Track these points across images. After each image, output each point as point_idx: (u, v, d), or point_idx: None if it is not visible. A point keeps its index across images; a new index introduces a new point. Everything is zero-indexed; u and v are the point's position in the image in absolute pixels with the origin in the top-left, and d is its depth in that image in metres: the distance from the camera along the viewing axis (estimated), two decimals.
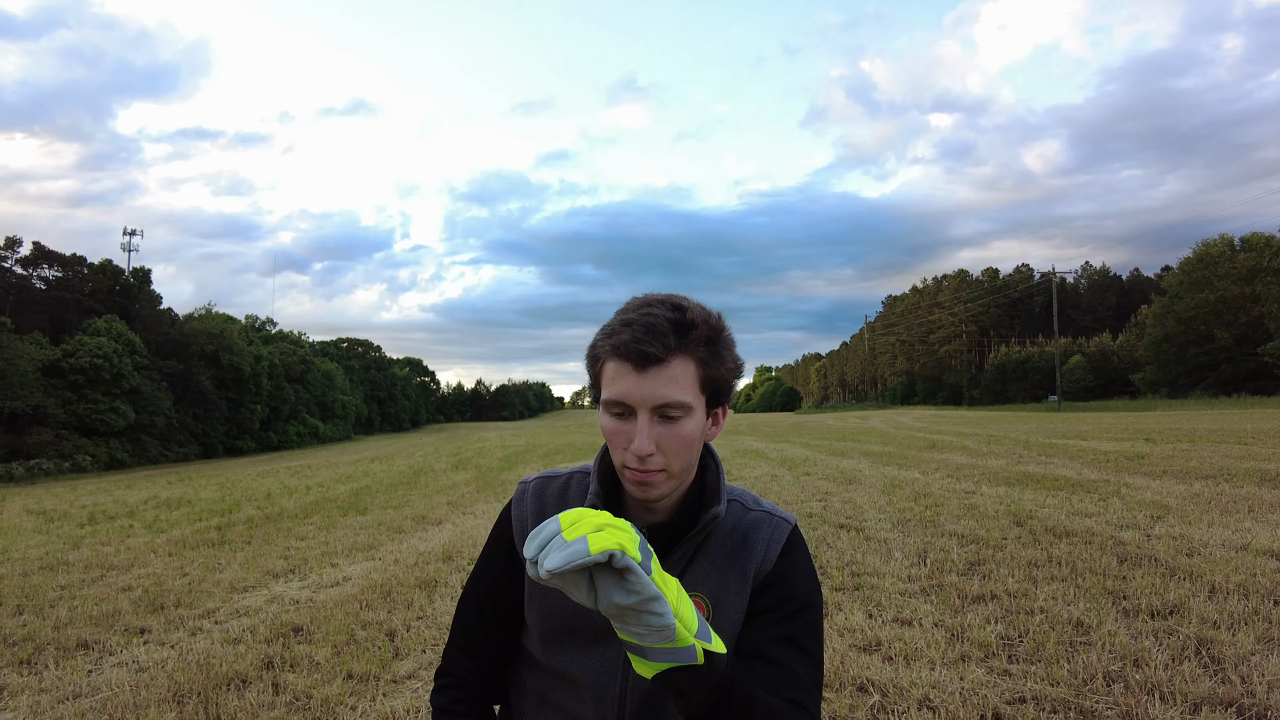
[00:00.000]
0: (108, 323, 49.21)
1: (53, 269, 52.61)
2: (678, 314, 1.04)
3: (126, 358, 47.81)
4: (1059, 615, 3.53)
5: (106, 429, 45.70)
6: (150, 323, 54.68)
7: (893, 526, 6.43)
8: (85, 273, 53.77)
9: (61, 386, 44.56)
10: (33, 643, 3.99)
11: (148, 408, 48.79)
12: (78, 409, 44.71)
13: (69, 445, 43.17)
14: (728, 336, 1.10)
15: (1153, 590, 3.87)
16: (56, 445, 42.41)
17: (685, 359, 1.04)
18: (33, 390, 41.27)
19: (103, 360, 45.76)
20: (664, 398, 1.02)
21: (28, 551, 7.70)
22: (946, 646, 3.20)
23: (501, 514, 1.26)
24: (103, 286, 54.03)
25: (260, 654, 3.51)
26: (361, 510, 10.06)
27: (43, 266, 52.27)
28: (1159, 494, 7.47)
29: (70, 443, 43.43)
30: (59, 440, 42.87)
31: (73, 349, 45.85)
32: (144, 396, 48.49)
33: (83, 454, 43.23)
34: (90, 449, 44.27)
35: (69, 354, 45.62)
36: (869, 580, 4.44)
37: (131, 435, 47.99)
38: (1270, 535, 5.19)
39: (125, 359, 47.59)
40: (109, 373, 45.94)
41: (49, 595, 5.28)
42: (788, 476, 11.54)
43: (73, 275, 52.91)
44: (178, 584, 5.48)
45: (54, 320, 49.93)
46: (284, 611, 4.39)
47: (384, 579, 5.14)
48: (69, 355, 45.56)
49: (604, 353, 1.06)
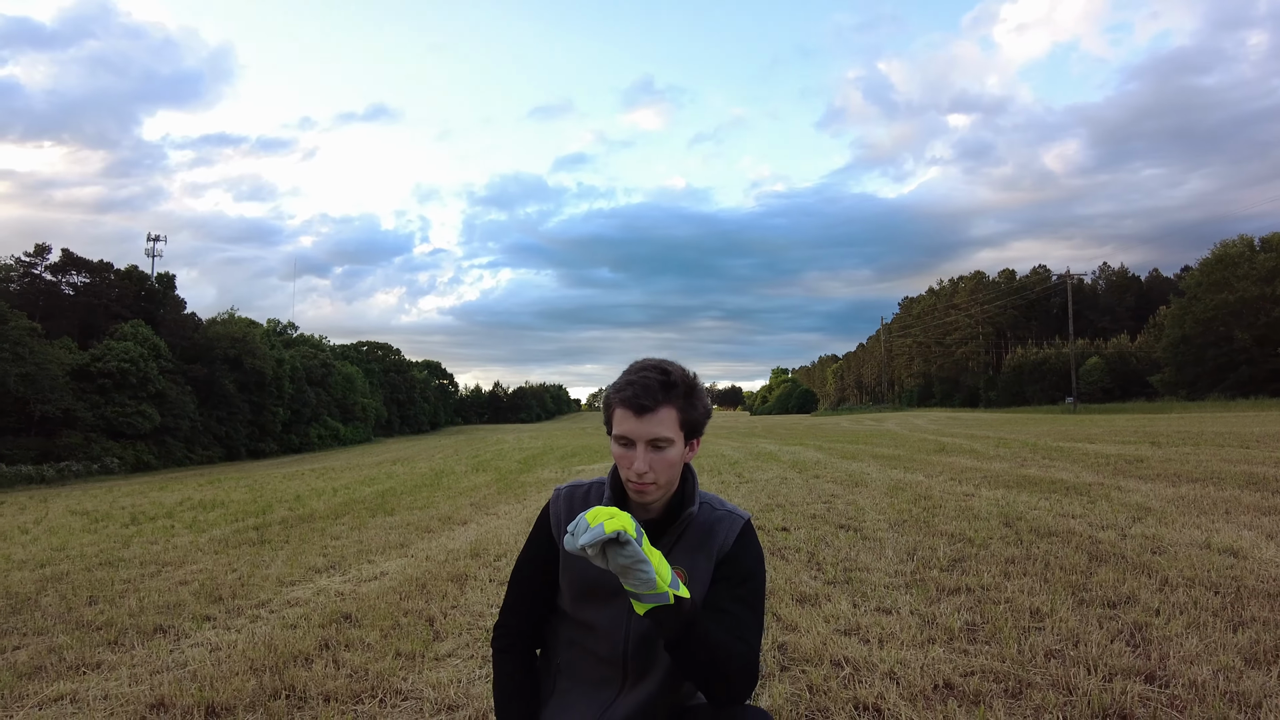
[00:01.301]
0: (134, 327, 50.16)
1: (81, 275, 53.81)
2: (664, 376, 1.56)
3: (152, 362, 48.81)
4: (1021, 604, 3.98)
5: (133, 432, 46.68)
6: (175, 327, 55.72)
7: (889, 527, 6.87)
8: (112, 278, 54.93)
9: (90, 390, 45.55)
10: (114, 627, 4.51)
11: (173, 411, 49.76)
12: (106, 412, 45.70)
13: (97, 448, 44.18)
14: (700, 389, 1.60)
15: (1110, 584, 4.31)
16: (86, 448, 43.42)
17: (669, 407, 1.56)
18: (63, 394, 42.21)
19: (129, 364, 46.78)
20: (655, 434, 1.55)
21: (84, 549, 8.27)
22: (917, 630, 3.65)
23: (541, 512, 1.79)
24: (129, 292, 55.18)
25: (317, 637, 4.02)
26: (389, 511, 10.58)
27: (71, 273, 53.50)
28: (1146, 497, 7.86)
29: (98, 445, 44.45)
30: (88, 443, 43.88)
31: (101, 353, 46.87)
32: (169, 400, 49.45)
33: (110, 456, 44.25)
34: (118, 451, 45.27)
35: (97, 358, 46.61)
36: (859, 574, 4.90)
37: (157, 438, 48.95)
38: (1234, 534, 5.59)
39: (151, 363, 48.59)
40: (135, 376, 46.94)
41: (116, 588, 5.82)
42: (797, 479, 11.96)
43: (100, 281, 54.06)
44: (229, 579, 6.00)
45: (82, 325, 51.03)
46: (332, 602, 4.90)
47: (418, 574, 5.64)
48: (97, 360, 46.55)
49: (614, 402, 1.59)
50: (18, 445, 40.17)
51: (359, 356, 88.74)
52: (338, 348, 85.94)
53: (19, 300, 44.82)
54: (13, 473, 36.36)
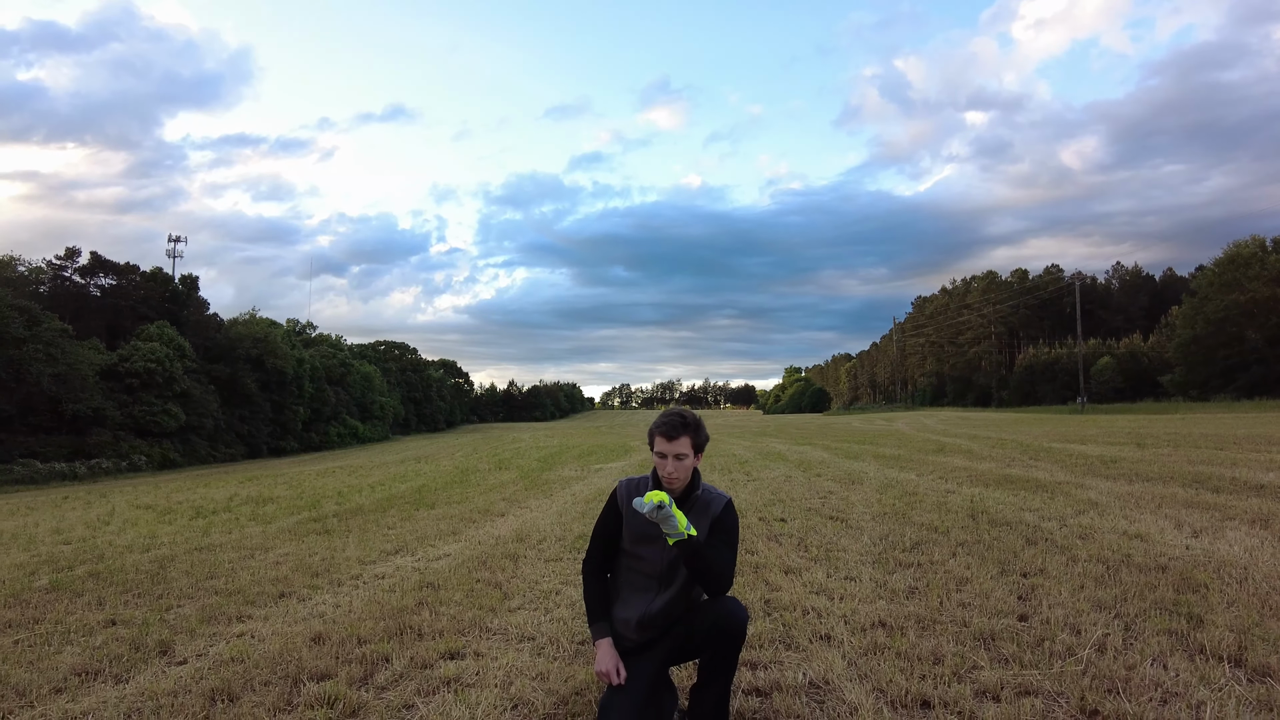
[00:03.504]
0: (159, 328, 51.54)
1: (108, 277, 55.42)
2: (683, 419, 2.80)
3: (177, 362, 50.23)
4: (955, 574, 5.15)
5: (160, 430, 48.09)
6: (198, 328, 57.30)
7: (872, 518, 8.03)
8: (138, 280, 56.54)
9: (118, 390, 46.97)
10: (245, 594, 5.72)
11: (197, 410, 51.17)
12: (133, 411, 47.14)
13: (126, 446, 45.57)
14: (702, 425, 2.85)
15: (1030, 560, 5.47)
16: (115, 446, 44.84)
17: (685, 437, 2.78)
18: (93, 393, 43.64)
19: (156, 364, 48.23)
20: (678, 451, 2.80)
21: (173, 537, 9.52)
22: (871, 592, 4.83)
23: (611, 494, 3.04)
24: (154, 294, 56.72)
25: (413, 598, 5.22)
26: (430, 505, 11.80)
27: (99, 275, 55.11)
28: (1099, 494, 8.98)
29: (127, 443, 45.84)
30: (117, 441, 45.31)
31: (128, 354, 48.32)
32: (194, 399, 50.86)
33: (138, 454, 45.67)
34: (145, 449, 46.66)
35: (125, 359, 48.01)
36: (836, 554, 6.09)
37: (183, 436, 50.37)
38: (1151, 524, 6.73)
39: (176, 363, 50.00)
40: (162, 376, 48.39)
41: (225, 567, 7.04)
42: (800, 478, 13.11)
43: (126, 283, 55.66)
44: (315, 560, 7.20)
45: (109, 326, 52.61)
46: (412, 575, 6.10)
47: (477, 554, 6.85)
48: (125, 360, 47.95)
49: (655, 431, 2.84)
50: (50, 443, 41.57)
51: (376, 356, 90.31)
52: (355, 347, 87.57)
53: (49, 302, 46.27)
54: (46, 469, 37.83)
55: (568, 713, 3.19)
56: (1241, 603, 4.17)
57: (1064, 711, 2.97)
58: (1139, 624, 3.92)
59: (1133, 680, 3.17)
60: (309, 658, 3.93)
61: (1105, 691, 3.10)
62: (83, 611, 5.32)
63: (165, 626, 4.78)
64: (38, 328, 39.64)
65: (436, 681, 3.56)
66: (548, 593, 5.28)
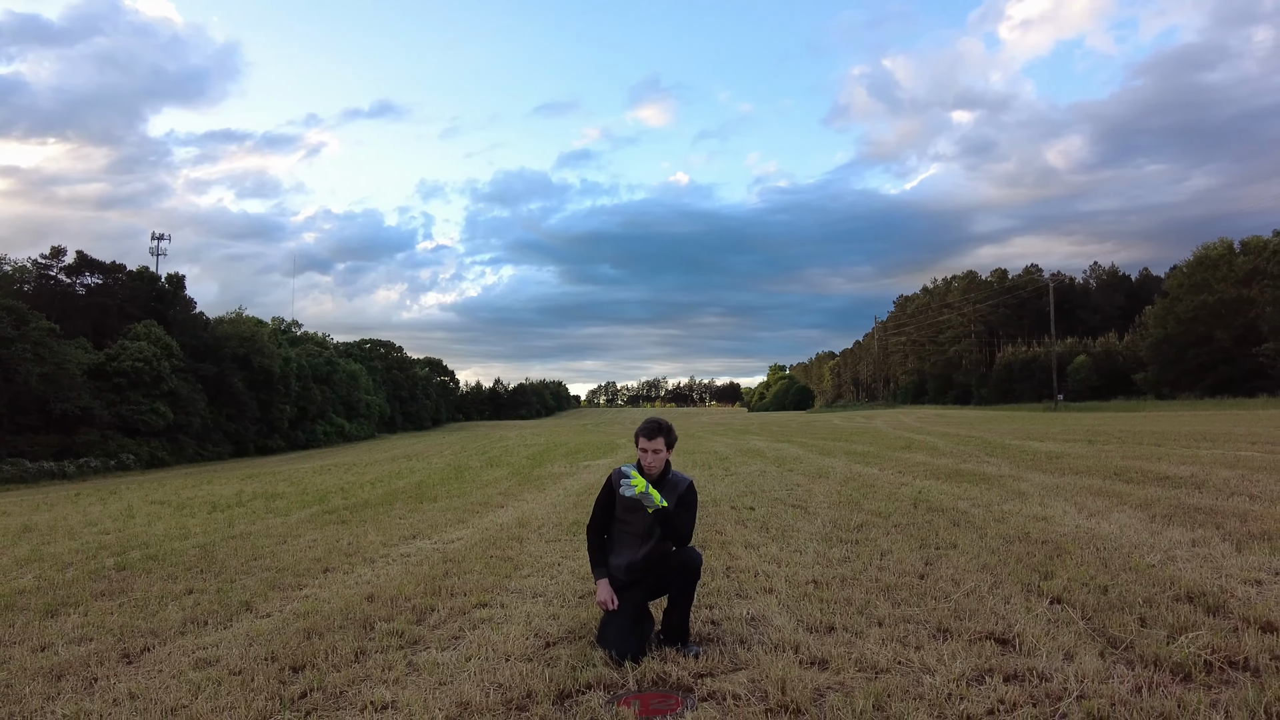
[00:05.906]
0: (146, 327, 51.73)
1: (94, 276, 55.57)
2: (659, 425, 4.00)
3: (165, 361, 50.57)
4: (883, 547, 6.33)
5: (148, 429, 48.46)
6: (185, 327, 57.51)
7: (828, 506, 9.21)
8: (124, 279, 56.79)
9: (106, 389, 47.26)
10: (292, 570, 6.78)
11: (185, 409, 51.53)
12: (121, 410, 47.47)
13: (114, 444, 45.96)
14: (673, 429, 4.04)
15: (947, 537, 6.66)
16: (103, 444, 45.20)
17: (661, 438, 4.01)
18: (81, 393, 43.97)
19: (143, 364, 48.60)
20: (656, 447, 4.02)
21: (204, 528, 10.51)
22: (812, 560, 6.00)
23: (607, 479, 4.21)
24: (141, 292, 56.98)
25: (441, 569, 6.32)
26: (432, 499, 12.84)
27: (85, 274, 55.30)
28: (1031, 485, 10.20)
29: (115, 442, 46.20)
30: (105, 440, 45.66)
31: (115, 353, 48.64)
32: (181, 398, 51.21)
33: (126, 453, 46.07)
34: (133, 448, 47.01)
35: (112, 358, 48.30)
36: (790, 534, 7.26)
37: (170, 435, 50.71)
38: (1060, 508, 7.95)
39: (164, 362, 50.34)
40: (149, 375, 48.76)
41: (266, 550, 8.09)
42: (774, 472, 14.30)
43: (113, 282, 55.85)
44: (344, 543, 8.26)
45: (96, 326, 52.81)
46: (433, 554, 7.20)
47: (485, 538, 7.96)
48: (112, 359, 48.23)
49: (639, 434, 4.05)
50: (38, 442, 41.86)
51: (362, 354, 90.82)
52: (341, 345, 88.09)
53: (34, 301, 46.32)
54: (35, 468, 38.25)
55: (575, 635, 4.33)
56: (1087, 563, 5.38)
57: (926, 631, 4.13)
58: (1005, 578, 5.12)
59: (980, 611, 4.37)
60: (370, 609, 5.04)
61: (957, 618, 4.28)
62: (161, 584, 6.38)
63: (242, 591, 5.86)
64: (25, 327, 40.00)
65: (475, 620, 4.71)
66: (551, 564, 6.41)
